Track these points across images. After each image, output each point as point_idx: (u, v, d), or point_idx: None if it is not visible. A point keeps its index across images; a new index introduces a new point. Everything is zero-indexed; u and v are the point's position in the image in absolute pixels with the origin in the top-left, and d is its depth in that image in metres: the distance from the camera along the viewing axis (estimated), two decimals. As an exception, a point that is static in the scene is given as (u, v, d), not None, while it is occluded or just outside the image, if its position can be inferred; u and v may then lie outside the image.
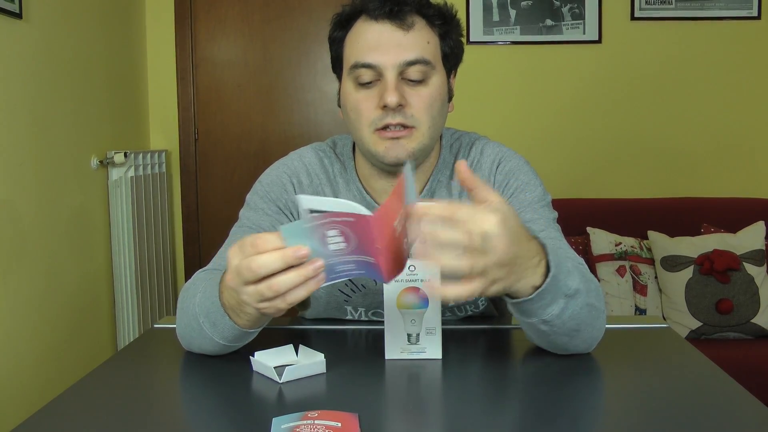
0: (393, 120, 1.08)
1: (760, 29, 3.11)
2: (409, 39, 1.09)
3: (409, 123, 1.10)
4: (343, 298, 1.23)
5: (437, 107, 1.12)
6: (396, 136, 1.09)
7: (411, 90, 1.10)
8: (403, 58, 1.08)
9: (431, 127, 1.12)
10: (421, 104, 1.10)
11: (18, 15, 2.14)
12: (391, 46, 1.08)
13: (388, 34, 1.08)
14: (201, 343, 1.01)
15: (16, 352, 2.13)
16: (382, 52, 1.08)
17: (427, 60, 1.10)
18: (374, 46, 1.08)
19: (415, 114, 1.10)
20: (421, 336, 1.00)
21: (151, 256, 2.93)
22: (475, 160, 1.22)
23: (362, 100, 1.10)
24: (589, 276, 1.00)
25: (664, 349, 1.09)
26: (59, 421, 0.82)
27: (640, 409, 0.84)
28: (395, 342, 1.01)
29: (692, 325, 2.51)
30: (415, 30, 1.09)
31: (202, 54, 3.24)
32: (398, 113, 1.08)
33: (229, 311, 0.93)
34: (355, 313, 1.25)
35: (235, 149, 3.26)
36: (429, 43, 1.11)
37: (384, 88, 1.08)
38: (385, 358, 1.00)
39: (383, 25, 1.09)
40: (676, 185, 3.16)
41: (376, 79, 1.10)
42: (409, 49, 1.08)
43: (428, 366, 1.00)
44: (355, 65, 1.10)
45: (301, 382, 0.93)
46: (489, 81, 3.14)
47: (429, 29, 1.12)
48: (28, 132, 2.22)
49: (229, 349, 1.02)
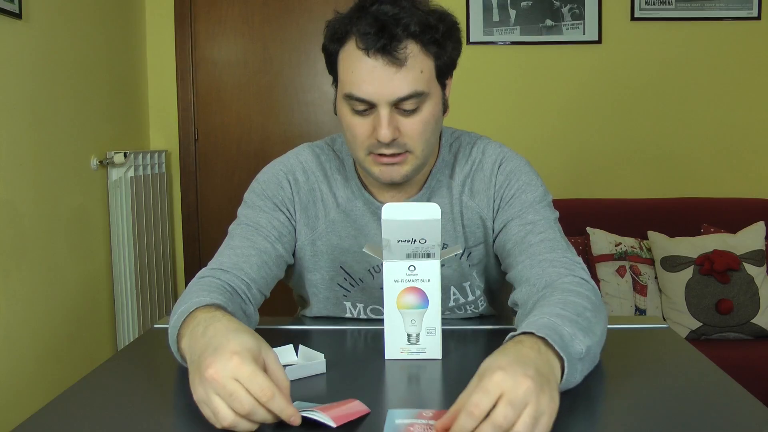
0: (387, 151, 1.09)
1: (760, 29, 3.11)
2: (401, 75, 1.06)
3: (403, 150, 1.10)
4: (342, 293, 1.24)
5: (431, 129, 1.12)
6: (391, 162, 1.11)
7: (405, 119, 1.09)
8: (396, 95, 1.06)
9: (425, 149, 1.13)
10: (414, 132, 1.09)
11: (18, 15, 2.14)
12: (383, 83, 1.06)
13: (380, 70, 1.05)
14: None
15: (16, 352, 2.13)
16: (376, 87, 1.06)
17: (420, 92, 1.08)
18: (367, 80, 1.06)
19: (408, 142, 1.10)
20: (421, 336, 1.00)
21: (151, 256, 2.93)
22: (476, 160, 1.23)
23: (357, 125, 1.10)
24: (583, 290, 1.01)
25: (664, 350, 1.09)
26: (59, 421, 0.82)
27: (640, 409, 0.84)
28: (395, 342, 1.00)
29: (692, 326, 2.51)
30: (408, 65, 1.06)
31: (202, 54, 3.24)
32: (392, 145, 1.09)
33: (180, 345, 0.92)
34: (354, 310, 1.26)
35: (235, 149, 3.26)
36: (422, 72, 1.08)
37: (378, 122, 1.08)
38: (385, 358, 1.00)
39: (376, 60, 1.05)
40: (676, 185, 3.16)
41: (370, 107, 1.08)
42: (402, 85, 1.06)
43: (428, 366, 1.00)
44: (350, 96, 1.08)
45: (301, 382, 0.93)
46: (489, 81, 3.14)
47: (423, 56, 1.08)
48: (28, 132, 2.22)
49: None
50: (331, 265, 1.23)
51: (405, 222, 0.97)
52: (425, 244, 0.99)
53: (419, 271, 1.00)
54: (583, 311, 0.94)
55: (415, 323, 1.00)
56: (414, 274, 1.00)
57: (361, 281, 1.23)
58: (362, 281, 1.23)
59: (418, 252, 0.99)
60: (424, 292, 1.00)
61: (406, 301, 1.00)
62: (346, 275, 1.23)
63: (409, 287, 1.00)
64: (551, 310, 0.92)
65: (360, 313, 1.26)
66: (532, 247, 1.12)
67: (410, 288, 1.00)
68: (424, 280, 1.00)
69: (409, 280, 1.00)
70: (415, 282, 1.00)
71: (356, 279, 1.23)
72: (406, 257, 0.99)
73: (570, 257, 1.10)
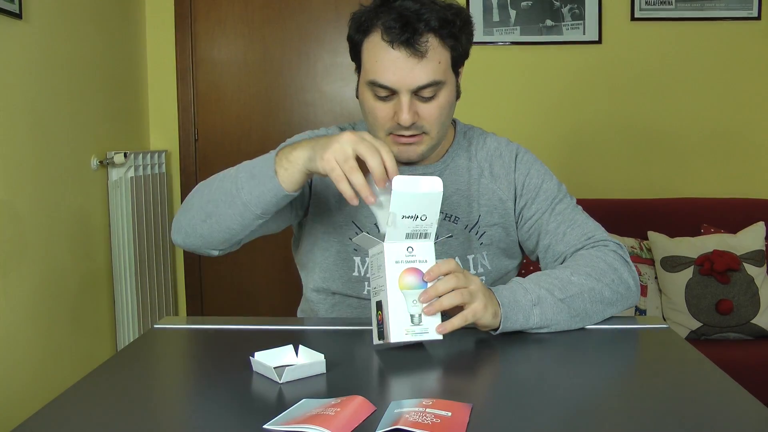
0: (406, 132, 1.23)
1: (760, 29, 3.11)
2: (422, 66, 1.18)
3: (420, 131, 1.23)
4: (352, 247, 1.31)
5: (446, 114, 1.25)
6: (408, 143, 1.24)
7: (423, 105, 1.22)
8: (417, 83, 1.19)
9: (439, 131, 1.26)
10: (432, 116, 1.23)
11: (18, 15, 2.14)
12: (406, 72, 1.18)
13: (402, 61, 1.18)
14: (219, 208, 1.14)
15: (16, 352, 2.13)
16: (398, 77, 1.18)
17: (438, 81, 1.20)
18: (390, 69, 1.19)
19: (426, 125, 1.23)
20: (423, 316, 1.00)
21: (151, 256, 2.93)
22: (492, 147, 1.37)
23: (379, 109, 1.23)
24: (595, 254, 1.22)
25: (664, 350, 1.09)
26: (59, 421, 0.82)
27: (640, 409, 0.84)
28: (399, 324, 0.99)
29: (692, 326, 2.51)
30: (428, 56, 1.18)
31: (202, 54, 3.24)
32: (411, 127, 1.22)
33: (278, 159, 1.09)
34: (362, 266, 1.32)
35: (235, 150, 3.26)
36: (440, 63, 1.20)
37: (399, 108, 1.20)
38: (391, 341, 0.99)
39: (399, 51, 1.18)
40: (676, 185, 3.16)
41: (392, 93, 1.21)
42: (422, 75, 1.18)
43: (428, 364, 1.00)
44: (373, 83, 1.21)
45: (301, 382, 0.93)
46: (489, 81, 3.14)
47: (441, 48, 1.21)
48: (28, 132, 2.22)
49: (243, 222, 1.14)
50: (344, 219, 1.32)
51: (412, 196, 0.98)
52: (425, 222, 1.01)
53: (417, 252, 1.01)
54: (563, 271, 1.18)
55: (417, 303, 1.00)
56: (412, 255, 1.01)
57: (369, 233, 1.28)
58: (369, 233, 1.28)
59: (417, 232, 1.01)
60: (422, 273, 1.01)
61: (407, 281, 1.00)
62: (357, 229, 1.32)
63: (410, 268, 1.00)
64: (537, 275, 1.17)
65: (367, 271, 1.31)
66: (567, 236, 1.29)
67: (410, 269, 1.00)
68: (421, 261, 1.01)
69: (408, 260, 1.00)
70: (413, 263, 1.01)
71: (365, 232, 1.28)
72: (405, 237, 1.01)
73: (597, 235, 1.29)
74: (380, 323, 1.01)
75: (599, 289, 1.17)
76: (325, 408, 0.81)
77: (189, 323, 1.25)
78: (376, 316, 1.02)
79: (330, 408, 0.81)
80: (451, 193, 1.32)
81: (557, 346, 1.10)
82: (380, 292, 1.01)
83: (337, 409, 0.80)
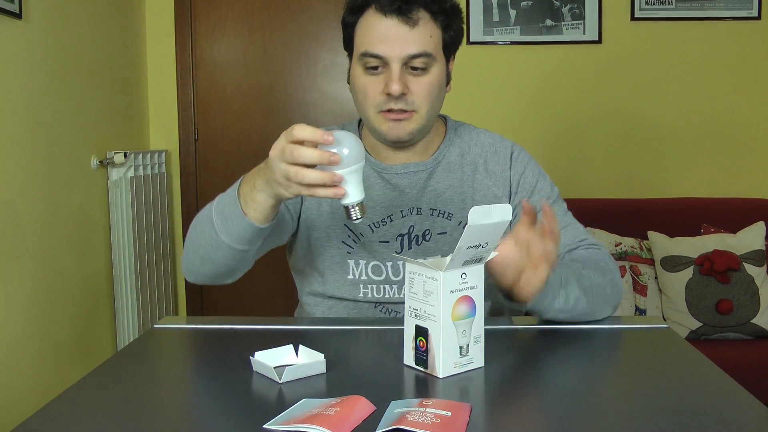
0: (396, 106, 1.22)
1: (760, 29, 3.11)
2: (413, 34, 1.20)
3: (410, 108, 1.23)
4: (346, 250, 1.31)
5: (436, 93, 1.25)
6: (398, 119, 1.23)
7: (413, 78, 1.22)
8: (408, 52, 1.20)
9: (429, 110, 1.25)
10: (422, 91, 1.23)
11: (18, 15, 2.14)
12: (397, 41, 1.19)
13: (395, 29, 1.20)
14: (208, 252, 1.14)
15: (16, 352, 2.13)
16: (389, 45, 1.20)
17: (429, 53, 1.21)
18: (382, 38, 1.20)
19: (416, 100, 1.23)
20: (470, 346, 0.97)
21: (151, 256, 2.93)
22: (486, 143, 1.36)
23: (369, 84, 1.23)
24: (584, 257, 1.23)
25: (664, 350, 1.09)
26: (59, 421, 0.82)
27: (641, 409, 0.84)
28: (449, 358, 0.95)
29: (692, 326, 2.51)
30: (420, 26, 1.20)
31: (202, 54, 3.24)
32: (400, 100, 1.22)
33: (242, 200, 1.08)
34: (357, 269, 1.31)
35: (235, 149, 3.26)
36: (431, 37, 1.22)
37: (389, 78, 1.20)
38: (440, 377, 0.94)
39: (391, 19, 1.20)
40: (676, 185, 3.16)
41: (383, 65, 1.21)
42: (414, 43, 1.20)
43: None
44: (365, 53, 1.22)
45: (301, 382, 0.93)
46: (489, 81, 3.14)
47: (433, 23, 1.23)
48: (28, 132, 2.22)
49: (236, 258, 1.14)
50: (335, 223, 1.32)
51: (484, 226, 0.91)
52: (485, 249, 0.95)
53: (470, 278, 0.95)
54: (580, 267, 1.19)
55: (466, 333, 0.96)
56: (465, 282, 0.95)
57: (362, 235, 1.30)
58: (363, 235, 1.30)
59: (474, 258, 0.95)
60: (473, 300, 0.96)
61: (460, 312, 0.95)
62: (350, 232, 1.31)
63: (462, 296, 0.95)
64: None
65: (362, 273, 1.31)
66: (560, 237, 1.25)
67: (463, 297, 0.95)
68: (473, 287, 0.96)
69: (461, 288, 0.95)
70: (466, 290, 0.95)
71: (357, 234, 1.30)
72: (462, 264, 0.94)
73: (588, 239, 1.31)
74: (421, 350, 0.96)
75: (604, 285, 1.18)
76: (325, 408, 0.81)
77: (189, 323, 1.25)
78: (417, 340, 0.97)
79: (330, 408, 0.81)
80: (444, 189, 1.32)
81: (557, 346, 1.10)
82: (426, 320, 0.95)
83: (337, 409, 0.80)
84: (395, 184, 1.32)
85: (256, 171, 1.08)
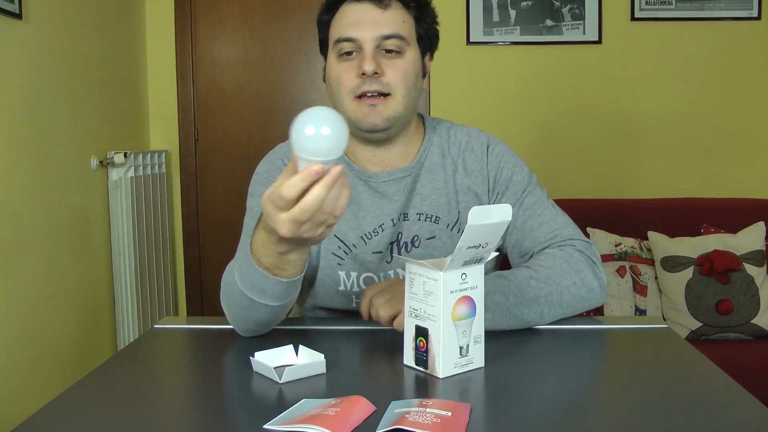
0: (370, 87, 1.21)
1: (760, 29, 3.11)
2: (385, 17, 1.22)
3: (385, 90, 1.22)
4: (336, 261, 1.28)
5: (411, 79, 1.24)
6: (373, 103, 1.22)
7: (387, 61, 1.22)
8: (380, 32, 1.21)
9: (405, 96, 1.24)
10: (396, 74, 1.22)
11: (18, 15, 2.14)
12: (369, 22, 1.21)
13: (367, 11, 1.22)
14: (259, 316, 1.07)
15: (16, 352, 2.13)
16: (362, 27, 1.21)
17: (402, 35, 1.23)
18: (355, 22, 1.22)
19: (390, 82, 1.22)
20: (470, 346, 0.97)
21: (151, 256, 2.93)
22: (463, 141, 1.34)
23: (343, 71, 1.23)
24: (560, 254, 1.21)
25: (664, 350, 1.09)
26: (59, 421, 0.82)
27: (641, 409, 0.84)
28: (449, 358, 0.95)
29: (692, 326, 2.51)
30: (392, 9, 1.23)
31: (202, 54, 3.24)
32: (375, 81, 1.21)
33: (274, 270, 0.99)
34: (348, 280, 1.28)
35: (235, 150, 3.26)
36: (404, 22, 1.24)
37: (362, 59, 1.21)
38: (440, 377, 0.94)
39: (364, 5, 1.23)
40: (676, 185, 3.16)
41: (356, 50, 1.22)
42: (386, 25, 1.22)
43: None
44: (338, 39, 1.23)
45: (301, 382, 0.93)
46: (489, 81, 3.14)
47: (404, 11, 1.25)
48: (28, 132, 2.22)
49: (285, 308, 1.08)
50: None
51: (484, 227, 0.91)
52: (485, 249, 0.94)
53: (470, 278, 0.95)
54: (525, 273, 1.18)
55: (466, 334, 0.96)
56: (466, 282, 0.95)
57: (354, 247, 1.28)
58: (355, 247, 1.28)
59: (474, 258, 0.95)
60: (473, 300, 0.96)
61: (460, 312, 0.95)
62: (340, 243, 1.28)
63: (462, 296, 0.95)
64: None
65: (353, 284, 1.28)
66: (534, 233, 1.28)
67: (463, 297, 0.95)
68: (472, 287, 0.96)
69: (461, 289, 0.95)
70: (465, 290, 0.95)
71: (349, 245, 1.28)
72: (462, 265, 0.94)
73: (565, 233, 1.27)
74: (421, 350, 0.96)
75: (557, 292, 1.16)
76: (325, 408, 0.81)
77: (189, 323, 1.25)
78: (416, 341, 0.97)
79: (330, 408, 0.81)
80: (429, 192, 1.30)
81: (557, 346, 1.10)
82: (426, 320, 0.95)
83: (337, 409, 0.80)
84: (383, 192, 1.29)
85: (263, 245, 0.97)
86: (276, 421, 0.79)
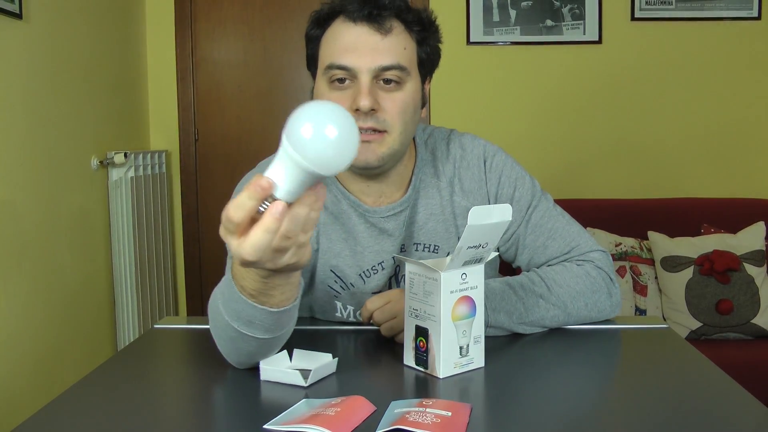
0: (364, 124, 1.07)
1: (760, 29, 3.11)
2: (385, 44, 1.08)
3: (381, 127, 1.09)
4: (333, 294, 1.23)
5: (410, 113, 1.12)
6: (367, 140, 1.08)
7: (385, 94, 1.09)
8: (379, 63, 1.07)
9: (402, 132, 1.11)
10: (394, 109, 1.09)
11: (18, 15, 2.14)
12: (367, 50, 1.07)
13: (365, 37, 1.08)
14: (250, 349, 0.94)
15: (16, 352, 2.13)
16: (359, 55, 1.07)
17: (403, 66, 1.09)
18: (351, 48, 1.08)
19: (387, 119, 1.09)
20: (470, 346, 0.97)
21: (151, 256, 2.93)
22: (457, 156, 1.24)
23: (335, 101, 1.06)
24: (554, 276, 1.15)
25: (664, 350, 1.09)
26: (59, 421, 0.82)
27: (640, 409, 0.84)
28: (449, 358, 0.95)
29: (692, 326, 2.51)
30: (393, 35, 1.09)
31: (202, 54, 3.24)
32: (370, 117, 1.08)
33: (259, 297, 0.86)
34: (344, 311, 1.24)
35: (235, 150, 3.26)
36: (405, 49, 1.10)
37: (357, 92, 1.07)
38: (441, 377, 0.94)
39: (361, 27, 1.08)
40: (676, 185, 3.16)
41: (351, 79, 1.09)
42: (386, 54, 1.08)
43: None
44: (330, 66, 1.09)
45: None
46: (489, 81, 3.14)
47: (407, 34, 1.11)
48: (28, 132, 2.22)
49: (280, 340, 0.95)
50: (322, 268, 1.21)
51: (484, 227, 0.90)
52: (485, 249, 0.94)
53: (470, 278, 0.95)
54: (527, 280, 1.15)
55: (466, 334, 0.96)
56: (466, 282, 0.95)
57: (353, 285, 1.21)
58: (353, 285, 1.21)
59: (474, 258, 0.94)
60: (473, 300, 0.96)
61: (460, 312, 0.95)
62: (337, 278, 1.21)
63: (462, 296, 0.95)
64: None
65: (350, 316, 1.24)
66: (547, 249, 1.21)
67: (462, 297, 0.95)
68: (472, 287, 0.96)
69: (461, 289, 0.95)
70: (466, 290, 0.95)
71: (347, 283, 1.21)
72: (462, 264, 0.94)
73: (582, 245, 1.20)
74: (421, 350, 0.96)
75: (565, 315, 1.14)
76: (325, 408, 0.81)
77: (189, 323, 1.25)
78: (417, 340, 0.96)
79: (330, 408, 0.81)
80: (426, 219, 1.21)
81: (557, 346, 1.10)
82: (426, 320, 0.95)
83: (337, 409, 0.80)
84: (382, 228, 1.20)
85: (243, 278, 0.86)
86: (276, 421, 0.79)
